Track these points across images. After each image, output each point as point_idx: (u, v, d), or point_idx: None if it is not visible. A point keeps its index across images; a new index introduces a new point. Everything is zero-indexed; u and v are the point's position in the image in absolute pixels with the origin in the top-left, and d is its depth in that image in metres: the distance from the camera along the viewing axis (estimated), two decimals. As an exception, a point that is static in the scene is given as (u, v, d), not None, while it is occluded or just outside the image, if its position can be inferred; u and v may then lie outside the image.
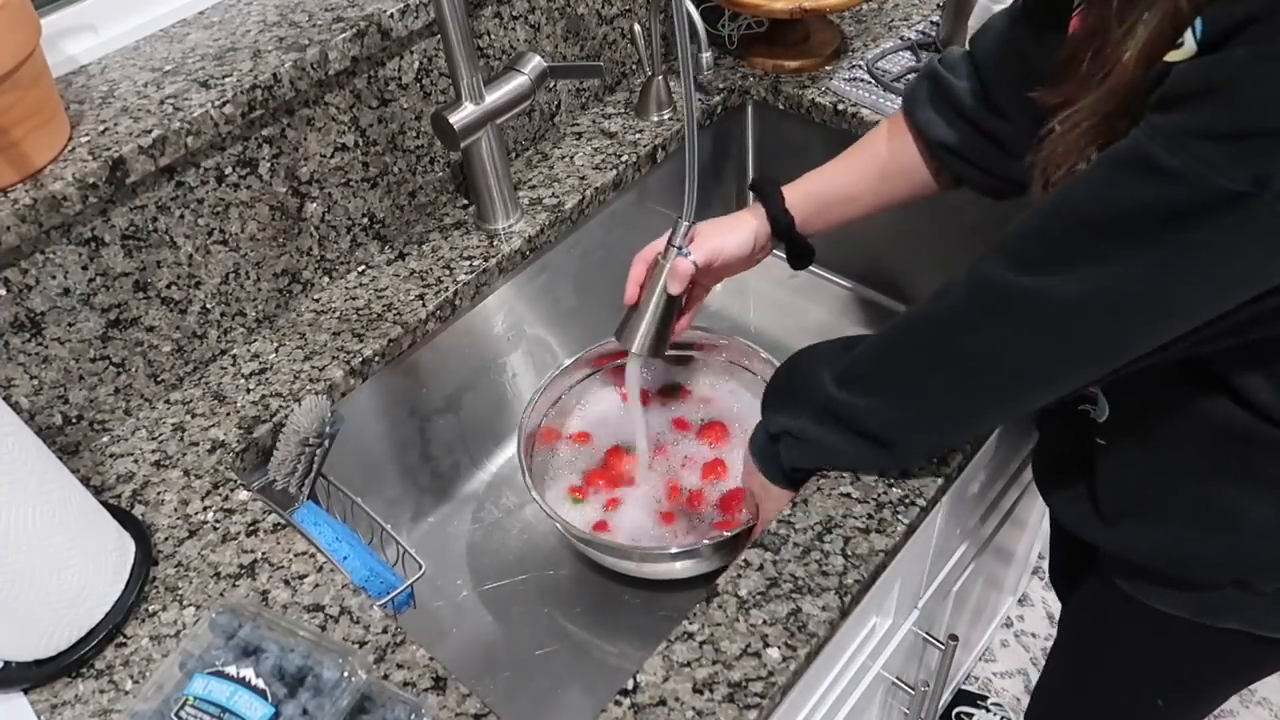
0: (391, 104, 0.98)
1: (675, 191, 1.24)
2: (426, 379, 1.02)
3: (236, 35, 0.91)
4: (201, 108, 0.82)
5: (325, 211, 0.97)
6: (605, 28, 1.18)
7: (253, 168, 0.90)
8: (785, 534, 0.74)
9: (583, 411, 1.07)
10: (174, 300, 0.89)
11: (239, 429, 0.87)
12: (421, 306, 0.97)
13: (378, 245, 1.04)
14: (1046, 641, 1.62)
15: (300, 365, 0.93)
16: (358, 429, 0.96)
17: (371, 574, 0.82)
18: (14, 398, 0.81)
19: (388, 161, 1.01)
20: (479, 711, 0.66)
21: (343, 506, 0.90)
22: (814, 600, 0.70)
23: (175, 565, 0.77)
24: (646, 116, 1.18)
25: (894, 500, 0.76)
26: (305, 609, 0.73)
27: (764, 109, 1.25)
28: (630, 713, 0.65)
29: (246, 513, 0.80)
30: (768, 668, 0.66)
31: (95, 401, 0.87)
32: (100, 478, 0.85)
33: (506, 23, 1.06)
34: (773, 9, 1.15)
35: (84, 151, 0.78)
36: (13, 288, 0.78)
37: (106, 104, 0.84)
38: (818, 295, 1.30)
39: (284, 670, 0.63)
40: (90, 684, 0.71)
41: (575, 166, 1.13)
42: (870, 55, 1.21)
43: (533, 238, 1.05)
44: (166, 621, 0.74)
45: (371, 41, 0.92)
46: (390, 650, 0.70)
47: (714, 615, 0.70)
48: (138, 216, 0.83)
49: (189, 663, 0.65)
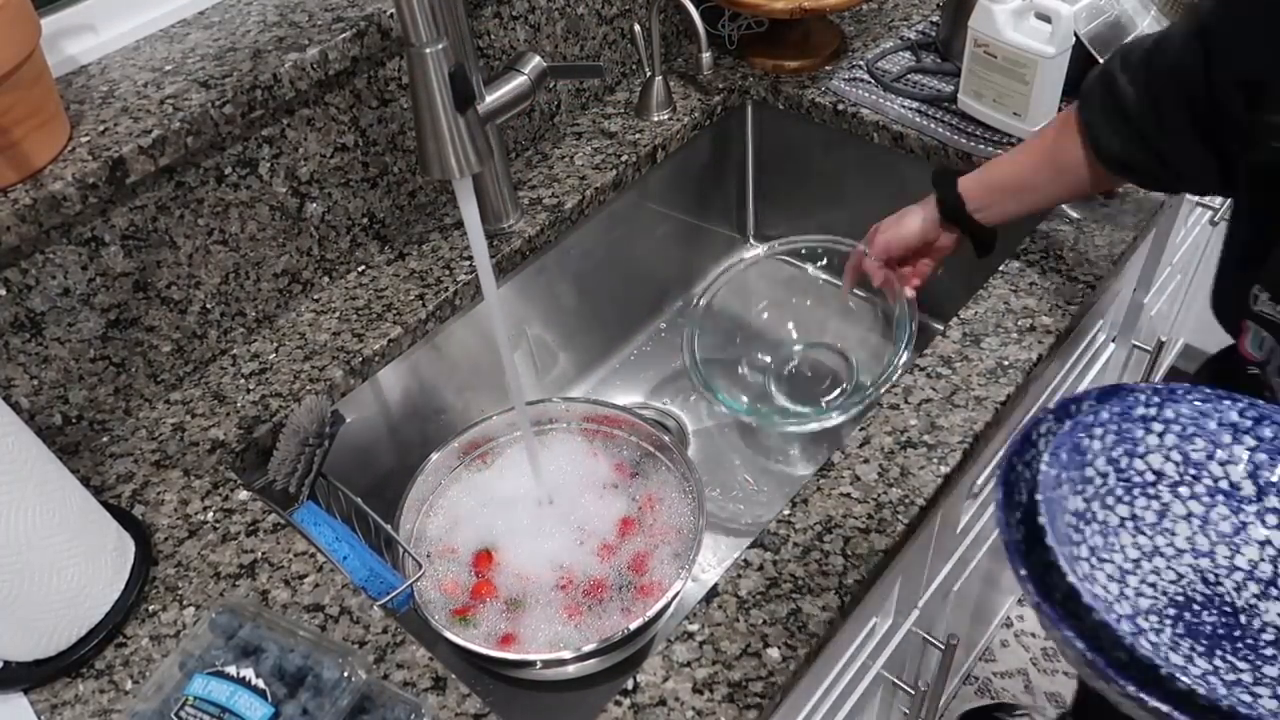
0: (391, 104, 0.98)
1: (675, 191, 1.24)
2: (426, 379, 1.02)
3: (236, 35, 0.91)
4: (201, 108, 0.82)
5: (325, 211, 0.97)
6: (605, 28, 1.18)
7: (253, 168, 0.90)
8: (785, 534, 0.74)
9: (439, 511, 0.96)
10: (174, 300, 0.89)
11: (239, 429, 0.87)
12: (421, 306, 0.97)
13: (378, 245, 1.04)
14: (1047, 641, 1.62)
15: (300, 365, 0.93)
16: (358, 429, 0.96)
17: (371, 574, 0.82)
18: (14, 398, 0.81)
19: (388, 161, 1.01)
20: (479, 711, 0.66)
21: (343, 506, 0.90)
22: (814, 600, 0.70)
23: (175, 565, 0.77)
24: (646, 116, 1.18)
25: (894, 500, 0.76)
26: (305, 609, 0.73)
27: (764, 109, 1.25)
28: (630, 713, 0.65)
29: (246, 513, 0.80)
30: (768, 668, 0.66)
31: (95, 401, 0.87)
32: (100, 478, 0.85)
33: (506, 23, 1.06)
34: (773, 9, 1.15)
35: (84, 151, 0.78)
36: (13, 288, 0.78)
37: (106, 104, 0.84)
38: (818, 295, 1.30)
39: (284, 670, 0.63)
40: (90, 684, 0.71)
41: (575, 166, 1.13)
42: (870, 55, 1.21)
43: (533, 238, 1.05)
44: (166, 621, 0.74)
45: (371, 41, 0.92)
46: (390, 650, 0.70)
47: (714, 615, 0.70)
48: (138, 216, 0.83)
49: (189, 663, 0.65)
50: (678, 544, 0.89)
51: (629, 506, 0.94)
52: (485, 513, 0.94)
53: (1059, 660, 1.60)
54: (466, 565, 0.91)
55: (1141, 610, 0.56)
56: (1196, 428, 0.59)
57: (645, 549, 0.90)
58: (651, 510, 0.93)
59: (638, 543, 0.91)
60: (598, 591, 0.87)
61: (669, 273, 1.30)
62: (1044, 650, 1.62)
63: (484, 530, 0.93)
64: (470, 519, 0.94)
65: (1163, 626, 0.56)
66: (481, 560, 0.91)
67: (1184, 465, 0.59)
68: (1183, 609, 0.57)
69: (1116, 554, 0.58)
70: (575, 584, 0.88)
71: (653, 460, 0.96)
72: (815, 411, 1.07)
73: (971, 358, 0.86)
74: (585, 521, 0.92)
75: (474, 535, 0.93)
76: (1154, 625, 0.56)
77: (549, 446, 0.99)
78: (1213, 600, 0.57)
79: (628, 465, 0.97)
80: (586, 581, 0.88)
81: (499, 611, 0.87)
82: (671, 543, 0.90)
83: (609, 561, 0.90)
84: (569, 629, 0.85)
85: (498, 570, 0.90)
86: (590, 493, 0.95)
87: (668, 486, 0.94)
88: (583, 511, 0.93)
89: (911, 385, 0.84)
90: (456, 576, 0.90)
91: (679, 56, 1.28)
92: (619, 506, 0.94)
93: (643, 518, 0.93)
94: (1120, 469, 0.59)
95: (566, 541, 0.91)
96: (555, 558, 0.90)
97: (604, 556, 0.90)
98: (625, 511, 0.93)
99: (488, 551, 0.91)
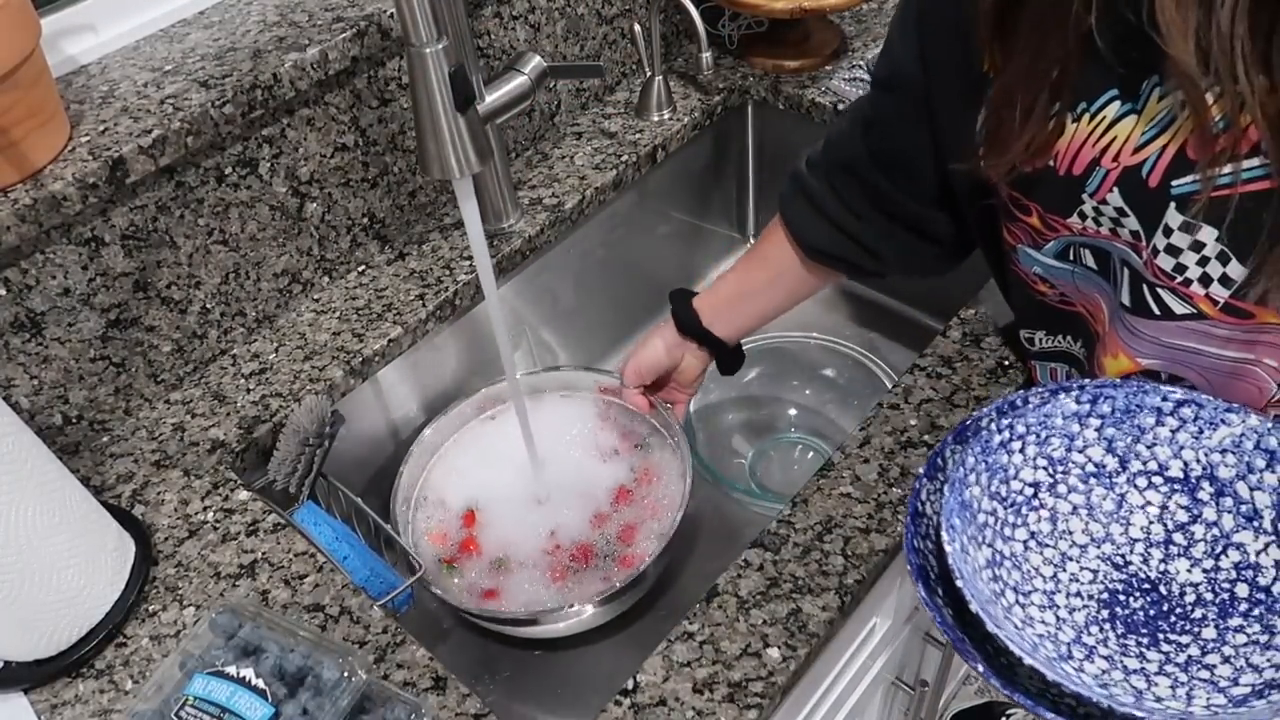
0: (391, 104, 0.98)
1: (676, 191, 1.24)
2: (426, 379, 1.02)
3: (236, 35, 0.91)
4: (201, 108, 0.82)
5: (325, 211, 0.97)
6: (605, 28, 1.18)
7: (253, 168, 0.90)
8: (785, 534, 0.74)
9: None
10: (174, 300, 0.89)
11: (239, 429, 0.87)
12: (421, 306, 0.97)
13: (378, 245, 1.04)
14: (1046, 641, 1.62)
15: (300, 365, 0.93)
16: (358, 429, 0.96)
17: (371, 574, 0.82)
18: (14, 398, 0.81)
19: (388, 161, 1.01)
20: (479, 711, 0.66)
21: (343, 506, 0.90)
22: (814, 600, 0.70)
23: (175, 565, 0.77)
24: (646, 116, 1.18)
25: (894, 500, 0.76)
26: (305, 609, 0.73)
27: (764, 109, 1.25)
28: (630, 713, 0.65)
29: (246, 513, 0.80)
30: (768, 668, 0.66)
31: (95, 401, 0.87)
32: (100, 478, 0.85)
33: (506, 23, 1.06)
34: (773, 9, 1.15)
35: (84, 151, 0.78)
36: (13, 288, 0.78)
37: (106, 104, 0.83)
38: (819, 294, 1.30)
39: (284, 670, 0.63)
40: (90, 684, 0.71)
41: (575, 166, 1.13)
42: (870, 55, 1.21)
43: (533, 238, 1.05)
44: (166, 621, 0.74)
45: (371, 41, 0.92)
46: (390, 650, 0.70)
47: (714, 615, 0.70)
48: (138, 216, 0.83)
49: (189, 663, 0.65)
50: (665, 523, 0.90)
51: (627, 476, 0.95)
52: (484, 471, 0.96)
53: (1059, 660, 1.60)
54: (457, 517, 0.93)
55: (1082, 626, 0.58)
56: (1046, 429, 0.62)
57: (634, 521, 0.92)
58: (648, 484, 0.94)
59: (628, 514, 0.92)
60: (584, 557, 0.89)
61: (669, 273, 1.30)
62: (1044, 650, 1.61)
63: (479, 486, 0.96)
64: (468, 474, 0.96)
65: (1106, 634, 0.58)
66: (469, 516, 0.94)
67: (1051, 466, 0.62)
68: (1112, 605, 0.59)
69: (1036, 579, 0.60)
70: (563, 548, 0.90)
71: (658, 438, 0.97)
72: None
73: (971, 358, 0.86)
74: (583, 486, 0.95)
75: (466, 491, 0.95)
76: (1098, 638, 0.58)
77: (561, 409, 1.00)
78: (1131, 583, 0.60)
79: (634, 437, 0.98)
80: (574, 546, 0.90)
81: (485, 566, 0.89)
82: (660, 519, 0.91)
83: (600, 529, 0.92)
84: (550, 591, 0.88)
85: (487, 527, 0.93)
86: (592, 459, 0.96)
87: (667, 465, 0.95)
88: (583, 475, 0.95)
89: (911, 385, 0.84)
90: (446, 528, 0.93)
91: (679, 56, 1.28)
92: (617, 474, 0.95)
93: (637, 490, 0.94)
94: (1002, 498, 0.61)
95: (561, 504, 0.94)
96: (548, 519, 0.93)
97: (596, 524, 0.92)
98: (622, 481, 0.95)
99: (474, 510, 0.94)
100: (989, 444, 0.60)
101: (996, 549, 0.59)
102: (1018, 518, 0.61)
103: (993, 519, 0.60)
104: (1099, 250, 0.63)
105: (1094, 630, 0.58)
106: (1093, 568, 0.60)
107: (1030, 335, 0.78)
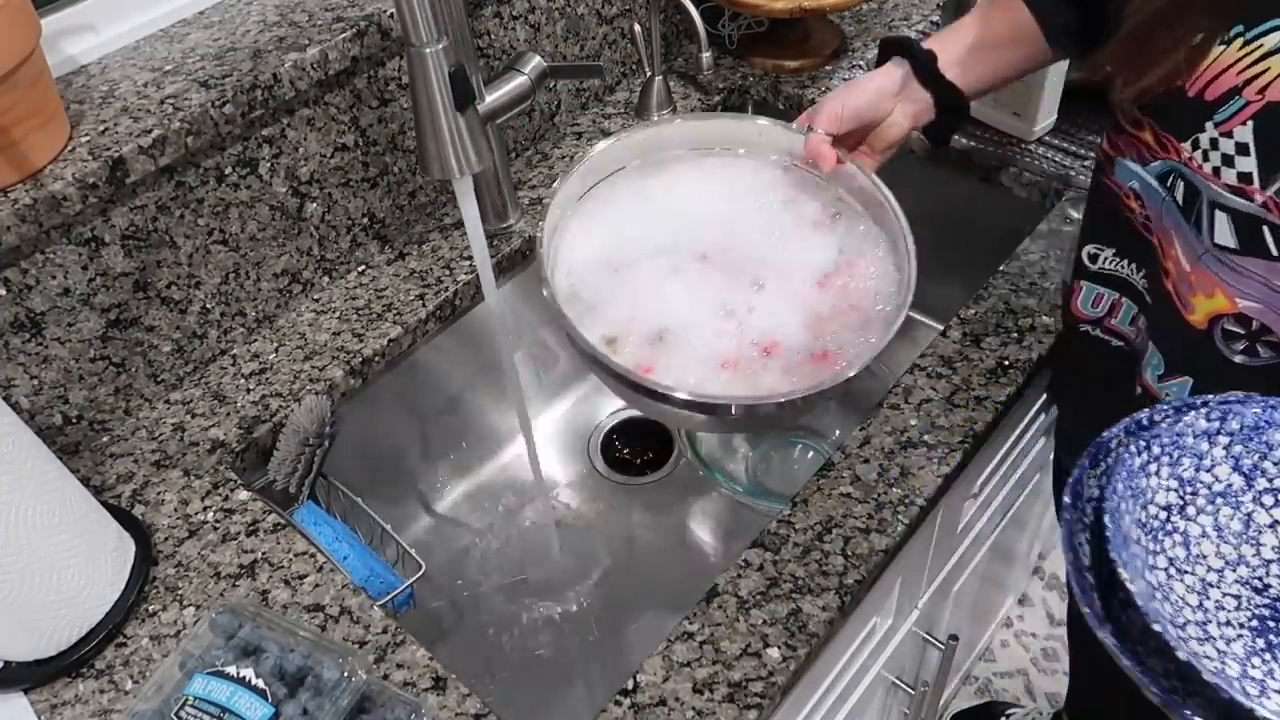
0: (391, 104, 0.98)
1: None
2: (426, 379, 1.02)
3: (236, 35, 0.91)
4: (201, 108, 0.82)
5: (325, 211, 0.98)
6: (605, 28, 1.18)
7: (253, 168, 0.90)
8: (785, 534, 0.74)
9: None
10: (174, 300, 0.89)
11: (239, 429, 0.87)
12: (421, 306, 0.97)
13: (378, 245, 1.04)
14: (1046, 641, 1.62)
15: (300, 365, 0.93)
16: (358, 429, 0.96)
17: (371, 574, 0.82)
18: (14, 398, 0.81)
19: (388, 161, 1.01)
20: (479, 711, 0.66)
21: (343, 506, 0.90)
22: (814, 600, 0.70)
23: (175, 565, 0.77)
24: (646, 116, 1.18)
25: (894, 500, 0.76)
26: (305, 609, 0.73)
27: (764, 109, 1.25)
28: (630, 713, 0.65)
29: (246, 513, 0.80)
30: (768, 668, 0.66)
31: (95, 401, 0.87)
32: (100, 478, 0.85)
33: (506, 23, 1.06)
34: (773, 9, 1.15)
35: (84, 151, 0.78)
36: (13, 288, 0.78)
37: (106, 104, 0.84)
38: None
39: (284, 670, 0.63)
40: (90, 684, 0.71)
41: (575, 166, 1.12)
42: (870, 55, 1.21)
43: (533, 237, 1.05)
44: (166, 621, 0.74)
45: (371, 41, 0.92)
46: (390, 650, 0.70)
47: (714, 615, 0.70)
48: (138, 216, 0.83)
49: (189, 663, 0.65)
50: (874, 317, 0.72)
51: (834, 260, 0.75)
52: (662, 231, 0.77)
53: (1059, 660, 1.60)
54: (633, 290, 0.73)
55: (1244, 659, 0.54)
56: (1179, 448, 0.59)
57: (832, 311, 0.72)
58: (851, 269, 0.75)
59: (827, 301, 0.72)
60: (772, 349, 0.70)
61: (669, 272, 1.30)
62: (1044, 650, 1.62)
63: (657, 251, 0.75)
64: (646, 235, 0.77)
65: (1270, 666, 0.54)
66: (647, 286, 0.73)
67: (1180, 487, 0.59)
68: (1265, 633, 0.55)
69: (1185, 610, 0.56)
70: (745, 333, 0.70)
71: (864, 218, 0.77)
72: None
73: (971, 358, 0.86)
74: (779, 265, 0.75)
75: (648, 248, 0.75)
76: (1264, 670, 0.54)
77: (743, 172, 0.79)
78: (1277, 607, 0.56)
79: (831, 208, 0.77)
80: (759, 333, 0.70)
81: (647, 341, 0.70)
82: (865, 313, 0.72)
83: (797, 316, 0.71)
84: (713, 378, 0.68)
85: (661, 300, 0.72)
86: (796, 233, 0.76)
87: (878, 247, 0.75)
88: (780, 252, 0.75)
89: (911, 385, 0.84)
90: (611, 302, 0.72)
91: (679, 56, 1.28)
92: (824, 255, 0.75)
93: (839, 275, 0.74)
94: (1142, 524, 0.58)
95: (746, 283, 0.73)
96: (730, 299, 0.73)
97: (794, 308, 0.72)
98: (827, 265, 0.74)
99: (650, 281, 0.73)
100: (1130, 467, 0.57)
101: (1146, 580, 0.55)
102: (1155, 544, 0.58)
103: (1139, 548, 0.57)
104: (1191, 187, 0.60)
105: (1257, 663, 0.54)
106: (1234, 593, 0.57)
107: (1097, 252, 0.73)
